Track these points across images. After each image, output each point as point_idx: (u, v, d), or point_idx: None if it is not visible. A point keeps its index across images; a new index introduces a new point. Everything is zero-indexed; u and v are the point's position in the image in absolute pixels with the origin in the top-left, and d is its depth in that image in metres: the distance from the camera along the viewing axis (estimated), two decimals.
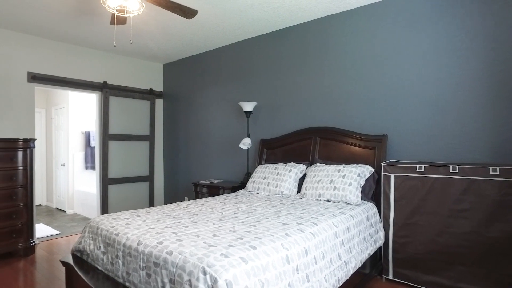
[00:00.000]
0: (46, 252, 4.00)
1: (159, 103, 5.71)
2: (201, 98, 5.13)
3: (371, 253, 2.70)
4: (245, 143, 3.97)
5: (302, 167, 3.54)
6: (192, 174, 5.25)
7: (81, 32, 4.19)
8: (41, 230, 4.91)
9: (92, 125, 6.67)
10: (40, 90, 7.04)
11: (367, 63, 3.44)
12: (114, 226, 2.17)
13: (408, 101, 3.17)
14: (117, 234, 2.06)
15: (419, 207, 2.75)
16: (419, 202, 2.75)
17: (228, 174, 4.71)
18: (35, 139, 3.96)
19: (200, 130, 5.14)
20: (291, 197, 3.24)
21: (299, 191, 3.46)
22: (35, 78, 4.31)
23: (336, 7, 3.53)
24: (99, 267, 2.17)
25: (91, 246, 2.25)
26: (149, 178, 5.41)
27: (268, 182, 3.51)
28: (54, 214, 6.33)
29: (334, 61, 3.67)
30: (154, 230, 2.02)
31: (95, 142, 6.36)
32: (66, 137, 6.46)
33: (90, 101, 6.66)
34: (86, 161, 6.50)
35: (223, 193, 4.04)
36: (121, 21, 3.12)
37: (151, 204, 5.43)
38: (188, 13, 2.92)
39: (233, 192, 4.02)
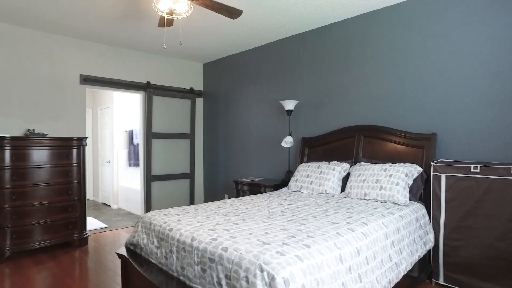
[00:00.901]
0: (97, 243, 4.23)
1: (199, 102, 5.85)
2: (241, 96, 5.19)
3: (421, 256, 2.61)
4: (287, 142, 3.97)
5: (345, 165, 3.49)
6: (232, 171, 5.33)
7: (127, 35, 4.37)
8: (91, 223, 5.19)
9: (135, 124, 6.94)
10: (87, 91, 7.43)
11: (415, 59, 3.32)
12: (167, 222, 2.26)
13: (462, 98, 3.02)
14: (170, 230, 2.14)
15: (474, 210, 2.62)
16: (474, 204, 2.61)
17: (268, 172, 4.73)
18: (87, 138, 4.19)
19: (240, 128, 5.20)
20: (335, 196, 3.20)
21: (342, 190, 3.42)
22: (86, 80, 4.56)
23: (381, 2, 3.43)
24: (152, 261, 2.26)
25: (145, 241, 2.36)
26: (190, 175, 5.56)
27: (311, 181, 3.49)
28: (101, 208, 6.67)
29: (379, 58, 3.58)
30: (206, 227, 2.08)
31: (138, 140, 6.64)
32: (111, 135, 6.78)
33: (132, 100, 6.94)
34: (129, 158, 6.79)
35: (264, 191, 4.07)
36: (168, 23, 3.22)
37: (192, 200, 5.58)
38: (233, 13, 2.96)
39: (274, 190, 4.04)
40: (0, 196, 3.57)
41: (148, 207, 5.08)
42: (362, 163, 3.36)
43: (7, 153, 3.62)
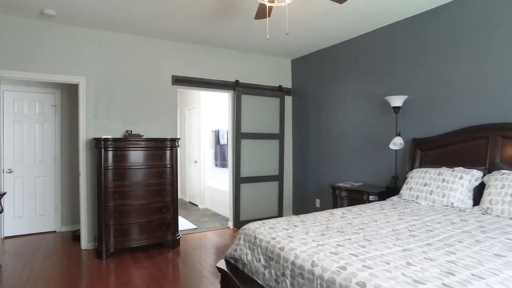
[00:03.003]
0: (188, 245, 4.19)
1: (288, 100, 5.54)
2: (334, 93, 4.73)
3: None
4: (396, 143, 3.43)
5: (476, 173, 2.83)
6: (324, 175, 4.91)
7: (217, 34, 4.25)
8: (181, 223, 5.24)
9: (221, 124, 6.93)
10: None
11: None
12: (275, 238, 1.96)
13: None
14: (281, 249, 1.83)
15: None
16: None
17: (367, 176, 4.21)
18: (179, 139, 4.17)
19: (333, 127, 4.75)
20: (468, 212, 2.58)
21: (474, 203, 2.77)
22: (177, 80, 4.57)
23: None
24: (259, 281, 1.98)
25: (249, 257, 2.09)
26: (279, 178, 5.28)
27: (431, 190, 2.91)
28: (188, 207, 6.81)
29: None
30: (326, 248, 1.72)
31: (224, 140, 6.60)
32: (198, 135, 6.87)
33: (219, 100, 6.94)
34: (215, 159, 6.80)
35: (367, 199, 3.58)
36: (265, 14, 2.95)
37: (280, 204, 5.29)
38: None
39: (380, 198, 3.52)
40: (105, 195, 3.71)
41: (236, 210, 4.94)
42: (504, 171, 2.67)
43: (110, 154, 3.74)
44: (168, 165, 4.08)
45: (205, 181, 6.78)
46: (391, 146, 3.45)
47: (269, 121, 5.23)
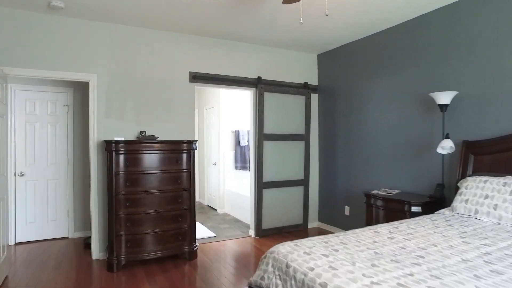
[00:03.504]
0: (206, 257, 3.84)
1: (314, 98, 5.10)
2: (366, 90, 4.27)
3: None
4: (445, 147, 2.95)
5: None
6: (354, 180, 4.44)
7: (237, 26, 3.87)
8: (198, 230, 4.90)
9: (241, 124, 6.56)
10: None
11: None
12: (314, 269, 1.55)
13: None
14: (323, 285, 1.42)
15: None
16: None
17: (405, 183, 3.73)
18: (197, 141, 3.83)
19: (365, 128, 4.28)
20: None
21: None
22: (195, 77, 4.23)
23: None
24: None
25: None
26: (304, 183, 4.85)
27: (496, 204, 2.43)
28: (206, 211, 6.47)
29: None
30: None
31: (245, 141, 6.23)
32: (217, 136, 6.53)
33: (240, 99, 6.57)
34: (235, 161, 6.44)
35: (409, 210, 3.11)
36: None
37: (306, 212, 4.86)
38: None
39: (424, 210, 3.05)
40: (116, 202, 3.41)
41: (258, 218, 4.54)
42: None
43: (122, 158, 3.43)
44: (185, 170, 3.73)
45: (224, 184, 6.43)
46: (439, 150, 2.97)
47: (294, 121, 4.80)
